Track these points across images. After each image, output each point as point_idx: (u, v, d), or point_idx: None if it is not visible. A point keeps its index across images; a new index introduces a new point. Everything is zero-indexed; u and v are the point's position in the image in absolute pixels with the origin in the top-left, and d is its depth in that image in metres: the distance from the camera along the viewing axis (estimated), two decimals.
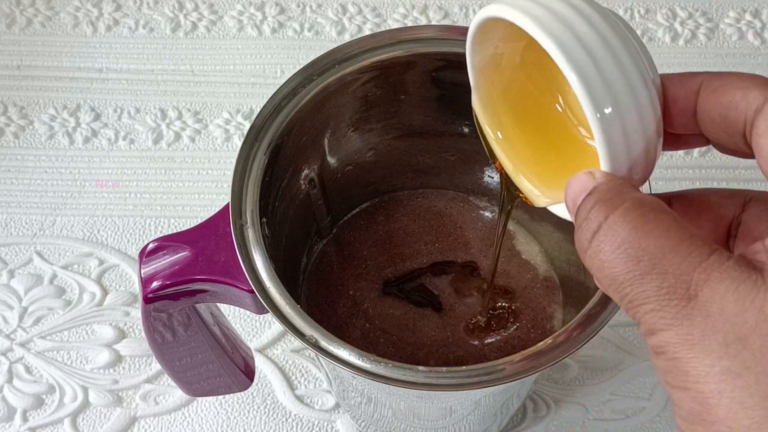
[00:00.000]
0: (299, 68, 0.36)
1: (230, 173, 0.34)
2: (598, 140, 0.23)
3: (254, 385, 0.44)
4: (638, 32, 0.58)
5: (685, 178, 0.54)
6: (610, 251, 0.21)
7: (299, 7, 0.62)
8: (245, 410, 0.46)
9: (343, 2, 0.62)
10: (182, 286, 0.33)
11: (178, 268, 0.33)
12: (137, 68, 0.59)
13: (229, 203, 0.33)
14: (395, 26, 0.58)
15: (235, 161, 0.34)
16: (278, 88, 0.36)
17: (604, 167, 0.24)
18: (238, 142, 0.55)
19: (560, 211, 0.28)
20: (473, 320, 0.41)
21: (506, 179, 0.30)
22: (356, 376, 0.30)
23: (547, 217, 0.42)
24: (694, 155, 0.55)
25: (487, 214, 0.45)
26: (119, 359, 0.48)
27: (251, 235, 0.32)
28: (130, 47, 0.60)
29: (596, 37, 0.23)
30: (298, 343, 0.47)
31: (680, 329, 0.20)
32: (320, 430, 0.46)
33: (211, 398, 0.46)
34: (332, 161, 0.41)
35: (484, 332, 0.41)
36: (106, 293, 0.50)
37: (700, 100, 0.24)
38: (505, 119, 0.30)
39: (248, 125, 0.44)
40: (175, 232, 0.34)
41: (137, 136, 0.56)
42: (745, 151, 0.24)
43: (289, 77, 0.36)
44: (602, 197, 0.23)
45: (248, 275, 0.31)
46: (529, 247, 0.44)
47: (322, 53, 0.36)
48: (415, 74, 0.38)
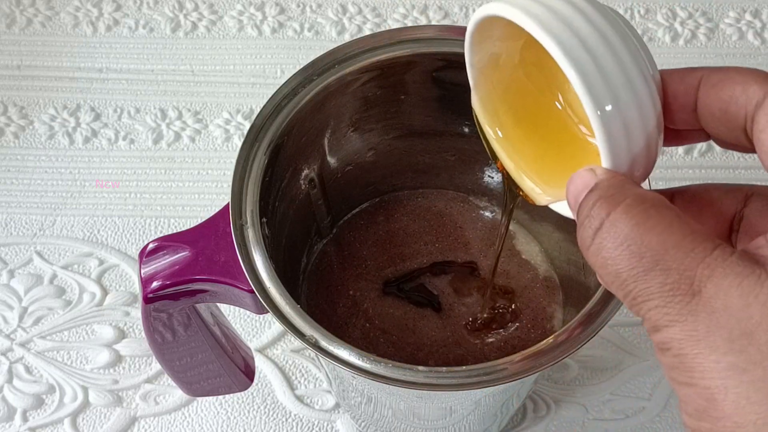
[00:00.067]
0: (299, 68, 0.36)
1: (230, 173, 0.34)
2: (598, 137, 0.23)
3: (254, 385, 0.44)
4: (638, 32, 0.58)
5: (685, 178, 0.54)
6: (612, 248, 0.21)
7: (299, 7, 0.62)
8: (245, 410, 0.46)
9: (343, 2, 0.62)
10: (182, 286, 0.33)
11: (178, 268, 0.33)
12: (137, 68, 0.59)
13: (229, 203, 0.33)
14: (395, 26, 0.58)
15: (235, 161, 0.34)
16: (278, 88, 0.36)
17: (605, 164, 0.24)
18: (238, 142, 0.55)
19: (562, 209, 0.27)
20: (473, 318, 0.41)
21: (508, 178, 0.30)
22: (356, 376, 0.30)
23: (547, 216, 0.42)
24: (694, 155, 0.55)
25: (487, 214, 0.45)
26: (119, 359, 0.48)
27: (251, 235, 0.32)
28: (130, 47, 0.60)
29: (595, 34, 0.23)
30: (298, 343, 0.47)
31: (685, 325, 0.20)
32: (320, 430, 0.46)
33: (211, 398, 0.46)
34: (332, 161, 0.41)
35: (484, 331, 0.41)
36: (106, 293, 0.50)
37: (700, 95, 0.24)
38: (505, 118, 0.30)
39: (248, 125, 0.44)
40: (175, 232, 0.34)
41: (137, 136, 0.56)
42: (746, 145, 0.24)
43: (289, 77, 0.36)
44: (604, 194, 0.22)
45: (248, 275, 0.31)
46: (529, 247, 0.44)
47: (322, 53, 0.36)
48: (415, 74, 0.38)
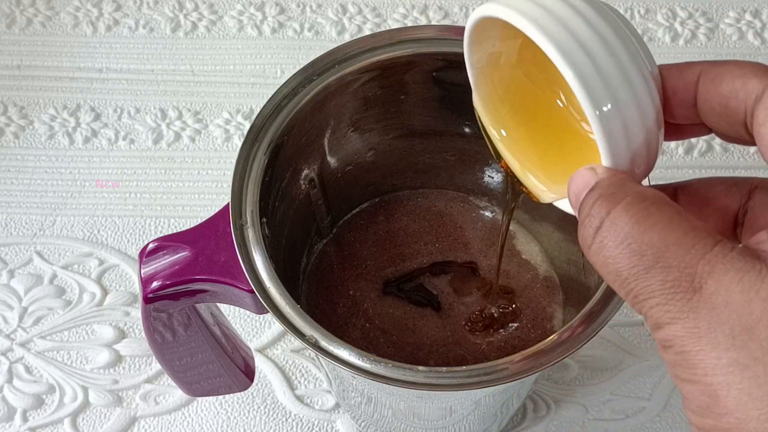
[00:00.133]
0: (299, 68, 0.36)
1: (230, 173, 0.34)
2: (598, 137, 0.23)
3: (254, 385, 0.44)
4: (636, 29, 0.58)
5: (685, 178, 0.54)
6: (613, 247, 0.21)
7: (299, 7, 0.62)
8: (245, 410, 0.46)
9: (343, 2, 0.62)
10: (182, 286, 0.33)
11: (178, 268, 0.33)
12: (137, 68, 0.59)
13: (229, 203, 0.33)
14: (395, 26, 0.58)
15: (235, 161, 0.34)
16: (278, 88, 0.36)
17: (605, 163, 0.24)
18: (238, 142, 0.55)
19: (566, 206, 0.27)
20: (473, 318, 0.41)
21: (511, 177, 0.30)
22: (356, 376, 0.30)
23: (547, 216, 0.42)
24: (694, 155, 0.55)
25: (487, 214, 0.45)
26: (119, 359, 0.48)
27: (251, 235, 0.32)
28: (130, 47, 0.60)
29: (592, 33, 0.23)
30: (298, 343, 0.47)
31: (686, 322, 0.20)
32: (320, 430, 0.46)
33: (211, 398, 0.46)
34: (332, 161, 0.41)
35: (484, 330, 0.41)
36: (106, 293, 0.50)
37: (699, 90, 0.24)
38: (507, 117, 0.30)
39: (248, 125, 0.44)
40: (175, 232, 0.34)
41: (137, 136, 0.56)
42: (747, 139, 0.24)
43: (289, 77, 0.36)
44: (604, 192, 0.22)
45: (248, 275, 0.31)
46: (529, 247, 0.44)
47: (322, 53, 0.36)
48: (415, 74, 0.38)
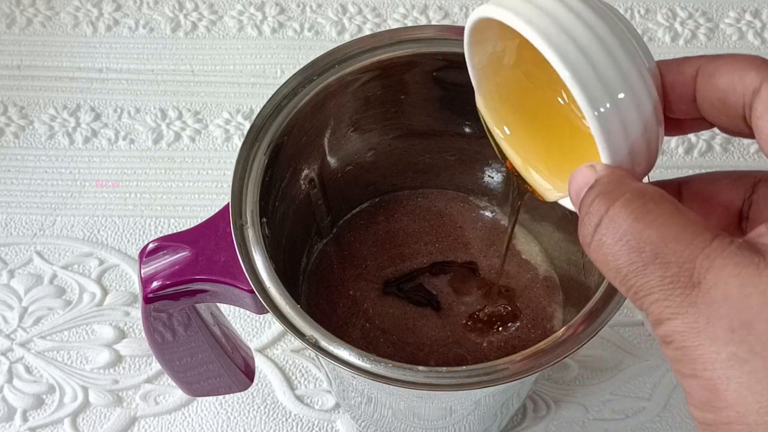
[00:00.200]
0: (299, 68, 0.36)
1: (230, 173, 0.34)
2: (597, 136, 0.23)
3: (254, 385, 0.44)
4: (634, 27, 0.58)
5: None
6: (612, 244, 0.21)
7: (299, 7, 0.62)
8: (245, 410, 0.46)
9: (343, 2, 0.62)
10: (182, 286, 0.33)
11: (178, 268, 0.33)
12: (137, 68, 0.59)
13: (229, 203, 0.33)
14: (395, 26, 0.58)
15: (235, 161, 0.34)
16: (278, 88, 0.36)
17: (604, 161, 0.24)
18: (238, 142, 0.55)
19: (571, 204, 0.27)
20: (473, 318, 0.41)
21: (516, 177, 0.30)
22: (356, 376, 0.30)
23: (547, 216, 0.42)
24: (694, 155, 0.55)
25: (487, 214, 0.45)
26: (119, 359, 0.48)
27: (251, 235, 0.32)
28: (130, 47, 0.60)
29: (589, 33, 0.23)
30: (298, 343, 0.47)
31: (686, 317, 0.20)
32: (320, 430, 0.46)
33: (211, 398, 0.46)
34: (332, 161, 0.41)
35: (484, 330, 0.41)
36: (106, 293, 0.50)
37: (698, 85, 0.24)
38: (510, 117, 0.30)
39: (248, 125, 0.44)
40: (175, 232, 0.34)
41: (137, 136, 0.56)
42: (747, 132, 0.24)
43: (289, 77, 0.36)
44: (603, 189, 0.23)
45: (248, 275, 0.31)
46: (529, 247, 0.44)
47: (322, 53, 0.36)
48: (415, 74, 0.38)
